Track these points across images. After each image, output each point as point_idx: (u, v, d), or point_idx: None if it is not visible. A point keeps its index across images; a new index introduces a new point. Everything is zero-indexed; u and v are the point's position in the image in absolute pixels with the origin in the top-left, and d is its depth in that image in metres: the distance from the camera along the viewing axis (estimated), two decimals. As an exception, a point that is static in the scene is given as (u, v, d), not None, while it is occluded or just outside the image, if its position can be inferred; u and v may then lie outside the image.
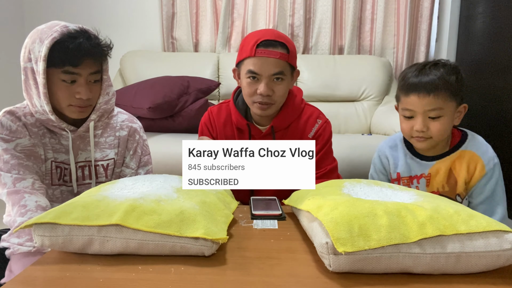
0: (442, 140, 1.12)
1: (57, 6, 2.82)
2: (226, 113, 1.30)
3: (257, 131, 1.26)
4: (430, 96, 1.03)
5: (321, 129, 1.27)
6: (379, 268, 0.64)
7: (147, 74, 2.45)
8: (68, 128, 1.05)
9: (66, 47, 0.94)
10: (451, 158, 1.12)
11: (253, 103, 1.19)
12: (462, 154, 1.11)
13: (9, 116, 1.01)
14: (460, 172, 1.10)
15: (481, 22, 2.37)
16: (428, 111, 1.05)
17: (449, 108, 1.05)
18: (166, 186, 0.85)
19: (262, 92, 1.15)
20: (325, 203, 0.74)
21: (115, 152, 1.15)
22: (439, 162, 1.13)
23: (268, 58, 1.13)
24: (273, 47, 1.14)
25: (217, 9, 2.77)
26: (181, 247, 0.69)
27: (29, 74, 0.98)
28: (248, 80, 1.17)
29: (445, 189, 1.13)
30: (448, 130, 1.09)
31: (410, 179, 1.18)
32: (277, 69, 1.14)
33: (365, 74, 2.55)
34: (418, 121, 1.06)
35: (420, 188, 1.16)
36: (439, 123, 1.05)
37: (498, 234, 0.66)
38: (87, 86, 1.01)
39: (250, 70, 1.15)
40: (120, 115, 1.20)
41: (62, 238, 0.69)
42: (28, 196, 0.95)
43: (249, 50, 1.14)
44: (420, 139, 1.08)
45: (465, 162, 1.10)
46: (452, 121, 1.08)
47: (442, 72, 1.04)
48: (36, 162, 1.03)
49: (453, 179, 1.12)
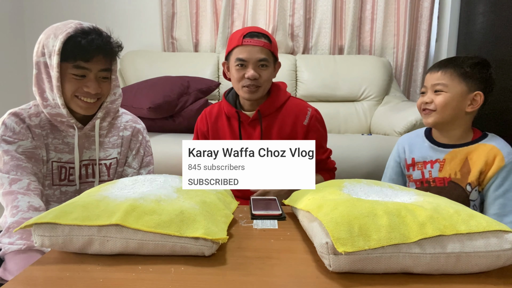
0: (457, 127, 1.16)
1: (57, 6, 2.82)
2: (218, 109, 1.42)
3: (245, 117, 1.35)
4: (438, 72, 1.15)
5: (314, 117, 1.36)
6: (379, 268, 0.64)
7: (147, 74, 2.45)
8: (76, 124, 1.07)
9: (79, 42, 0.98)
10: (469, 148, 1.15)
11: (241, 88, 1.30)
12: (482, 147, 1.14)
13: (13, 118, 1.03)
14: (477, 161, 1.13)
15: (481, 22, 2.37)
16: (435, 85, 1.15)
17: (455, 88, 1.12)
18: (166, 186, 0.85)
19: (250, 76, 1.27)
20: (325, 203, 0.74)
21: (118, 151, 1.16)
22: (456, 150, 1.17)
23: (254, 46, 1.27)
24: (257, 37, 1.28)
25: (217, 9, 2.77)
26: (181, 247, 0.69)
27: (42, 68, 1.01)
28: (237, 67, 1.29)
29: (457, 176, 1.16)
30: (453, 109, 1.13)
31: (424, 163, 1.23)
32: (262, 55, 1.27)
33: (365, 74, 2.55)
34: (426, 94, 1.18)
35: (433, 172, 1.20)
36: (441, 96, 1.14)
37: (498, 234, 0.66)
38: (96, 82, 1.03)
39: (239, 58, 1.27)
40: (124, 116, 1.22)
41: (62, 238, 0.69)
42: (21, 197, 0.96)
43: (236, 40, 1.28)
44: (426, 111, 1.18)
45: (484, 153, 1.12)
46: (460, 102, 1.13)
47: (462, 59, 1.14)
48: (36, 164, 1.04)
49: (466, 168, 1.14)
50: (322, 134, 1.39)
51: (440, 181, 1.18)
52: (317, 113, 1.38)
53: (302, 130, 1.34)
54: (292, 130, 1.34)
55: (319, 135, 1.37)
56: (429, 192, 0.88)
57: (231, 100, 1.40)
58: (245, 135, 1.35)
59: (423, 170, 1.22)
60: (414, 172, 1.25)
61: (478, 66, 1.13)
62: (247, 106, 1.37)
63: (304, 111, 1.36)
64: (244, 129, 1.36)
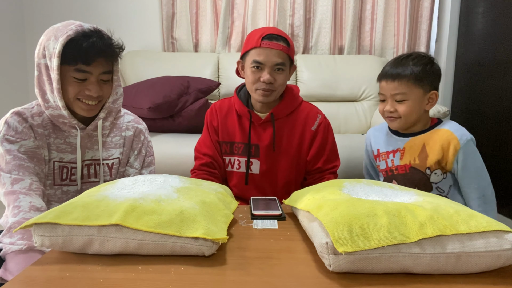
0: (418, 122, 1.25)
1: (57, 6, 2.82)
2: (228, 105, 1.40)
3: (257, 118, 1.34)
4: (394, 82, 1.21)
5: (322, 123, 1.36)
6: (379, 268, 0.64)
7: (147, 74, 2.45)
8: (78, 125, 1.07)
9: (80, 45, 0.97)
10: (426, 135, 1.24)
11: (255, 90, 1.28)
12: (436, 132, 1.23)
13: (16, 117, 1.03)
14: (433, 147, 1.21)
15: (481, 22, 2.37)
16: (394, 95, 1.22)
17: (413, 94, 1.20)
18: (166, 186, 0.85)
19: (265, 79, 1.24)
20: (325, 203, 0.74)
21: (120, 151, 1.17)
22: (414, 138, 1.26)
23: (272, 50, 1.24)
24: (276, 40, 1.24)
25: (217, 9, 2.77)
26: (181, 247, 0.69)
27: (43, 70, 1.01)
28: (252, 69, 1.26)
29: (416, 162, 1.25)
30: (416, 113, 1.22)
31: (387, 154, 1.32)
32: (279, 59, 1.25)
33: (365, 74, 2.55)
34: (388, 103, 1.24)
35: (395, 161, 1.30)
36: (404, 105, 1.21)
37: (498, 234, 0.66)
38: (97, 85, 1.03)
39: (255, 60, 1.24)
40: (127, 116, 1.22)
41: (62, 238, 0.69)
42: (23, 197, 0.96)
43: (255, 41, 1.24)
44: (391, 118, 1.26)
45: (439, 138, 1.21)
46: (420, 105, 1.21)
47: (410, 62, 1.20)
48: (38, 164, 1.04)
49: (424, 154, 1.23)
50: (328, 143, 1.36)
51: (402, 168, 1.28)
52: (326, 120, 1.37)
53: (309, 135, 1.34)
54: (301, 135, 1.34)
55: (323, 141, 1.35)
56: (397, 176, 0.91)
57: (243, 98, 1.38)
58: (255, 135, 1.34)
59: (387, 160, 1.32)
60: (381, 163, 1.35)
61: (428, 66, 1.19)
62: (259, 107, 1.35)
63: (314, 117, 1.35)
64: (254, 130, 1.34)
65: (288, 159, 1.34)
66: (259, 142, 1.34)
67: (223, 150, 1.39)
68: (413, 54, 1.23)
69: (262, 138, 1.34)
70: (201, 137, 1.43)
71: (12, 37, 2.74)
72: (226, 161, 1.39)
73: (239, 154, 1.37)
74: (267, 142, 1.33)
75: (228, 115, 1.38)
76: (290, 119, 1.34)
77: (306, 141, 1.34)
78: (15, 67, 2.76)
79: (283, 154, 1.34)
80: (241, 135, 1.36)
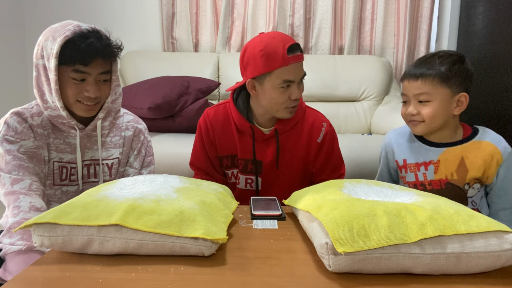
0: (445, 128, 1.13)
1: (57, 6, 2.82)
2: (224, 115, 1.28)
3: (260, 133, 1.25)
4: (418, 81, 1.09)
5: (328, 133, 1.28)
6: (378, 268, 0.64)
7: (147, 74, 2.45)
8: (77, 126, 1.07)
9: (78, 46, 0.97)
10: (463, 147, 1.12)
11: (284, 109, 1.19)
12: (477, 145, 1.12)
13: (16, 117, 1.03)
14: (475, 161, 1.11)
15: (481, 22, 2.37)
16: (417, 95, 1.10)
17: (439, 94, 1.08)
18: (166, 186, 0.85)
19: (297, 96, 1.16)
20: (325, 203, 0.74)
21: (120, 151, 1.17)
22: (450, 149, 1.14)
23: (299, 63, 1.16)
24: (297, 51, 1.15)
25: (217, 9, 2.77)
26: (180, 247, 0.69)
27: (41, 70, 1.01)
28: (281, 90, 1.15)
29: (454, 177, 1.13)
30: (441, 116, 1.10)
31: (416, 165, 1.18)
32: (303, 71, 1.18)
33: (365, 74, 2.55)
34: (410, 105, 1.13)
35: (428, 175, 1.16)
36: (428, 107, 1.09)
37: (498, 234, 0.66)
38: (96, 85, 1.03)
39: (287, 80, 1.14)
40: (126, 116, 1.22)
41: (62, 238, 0.69)
42: (23, 197, 0.96)
43: (280, 59, 1.12)
44: (414, 122, 1.13)
45: (481, 152, 1.10)
46: (447, 108, 1.09)
47: (437, 60, 1.09)
48: (38, 164, 1.04)
49: (463, 168, 1.12)
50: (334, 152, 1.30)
51: (437, 183, 1.15)
52: (331, 128, 1.29)
53: (315, 147, 1.26)
54: (307, 147, 1.26)
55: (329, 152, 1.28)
56: (429, 192, 0.88)
57: (243, 109, 1.26)
58: (258, 152, 1.25)
59: (417, 173, 1.18)
60: (408, 175, 1.20)
61: (456, 64, 1.08)
62: (265, 121, 1.25)
63: (319, 127, 1.26)
64: (257, 146, 1.25)
65: (292, 173, 1.27)
66: (262, 158, 1.25)
67: (224, 165, 1.31)
68: (441, 52, 1.11)
69: (265, 154, 1.25)
70: (193, 148, 1.34)
71: (12, 37, 2.74)
72: (229, 174, 1.32)
73: (239, 170, 1.29)
74: (270, 158, 1.25)
75: (225, 127, 1.27)
76: (294, 131, 1.26)
77: (312, 153, 1.27)
78: (15, 67, 2.76)
79: (287, 169, 1.27)
80: (242, 150, 1.26)
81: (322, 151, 1.27)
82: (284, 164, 1.27)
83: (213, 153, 1.30)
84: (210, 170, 1.32)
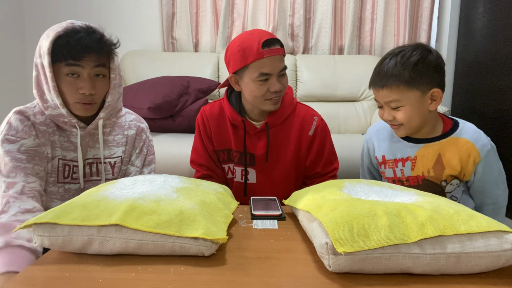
0: (426, 125, 1.11)
1: (57, 6, 2.82)
2: (219, 111, 1.33)
3: (252, 126, 1.28)
4: (383, 90, 1.06)
5: (319, 127, 1.30)
6: (378, 268, 0.64)
7: (147, 74, 2.45)
8: (78, 124, 1.07)
9: (67, 41, 0.98)
10: (441, 143, 1.11)
11: (265, 101, 1.22)
12: (454, 142, 1.10)
13: (18, 116, 1.03)
14: (451, 159, 1.09)
15: (481, 22, 2.37)
16: (388, 102, 1.07)
17: (409, 99, 1.04)
18: (166, 186, 0.85)
19: (277, 89, 1.19)
20: (325, 203, 0.74)
21: (122, 150, 1.18)
22: (427, 145, 1.12)
23: (275, 56, 1.17)
24: (273, 45, 1.18)
25: (217, 9, 2.77)
26: (180, 247, 0.69)
27: (40, 69, 1.02)
28: (259, 83, 1.18)
29: (431, 174, 1.12)
30: (418, 117, 1.06)
31: (395, 162, 1.17)
32: (282, 64, 1.20)
33: (365, 74, 2.55)
34: (385, 111, 1.11)
35: (405, 171, 1.15)
36: (401, 112, 1.06)
37: (498, 234, 0.66)
38: (90, 81, 1.03)
39: (263, 73, 1.16)
40: (128, 115, 1.23)
41: (62, 238, 0.69)
42: (13, 201, 0.96)
43: (255, 53, 1.15)
44: (394, 126, 1.12)
45: (458, 150, 1.09)
46: (421, 108, 1.05)
47: (397, 64, 1.03)
48: (39, 163, 1.04)
49: (440, 165, 1.11)
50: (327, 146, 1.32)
51: (414, 179, 1.15)
52: (322, 122, 1.32)
53: (307, 140, 1.29)
54: (298, 141, 1.29)
55: (321, 145, 1.31)
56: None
57: (235, 104, 1.31)
58: (250, 144, 1.29)
59: (395, 169, 1.17)
60: (386, 170, 1.20)
61: (419, 63, 1.02)
62: (255, 115, 1.29)
63: (310, 121, 1.30)
64: (249, 139, 1.29)
65: (285, 167, 1.30)
66: (254, 151, 1.29)
67: (221, 159, 1.35)
68: (401, 52, 1.05)
69: (257, 147, 1.29)
70: (193, 145, 1.38)
71: (12, 37, 2.74)
72: (226, 169, 1.36)
73: (235, 162, 1.33)
74: (262, 151, 1.28)
75: (220, 122, 1.32)
76: (285, 125, 1.29)
77: (304, 146, 1.29)
78: (15, 67, 2.76)
79: (279, 162, 1.30)
80: (236, 143, 1.31)
81: (314, 144, 1.30)
82: (276, 157, 1.30)
83: (210, 147, 1.35)
84: (211, 165, 1.35)
